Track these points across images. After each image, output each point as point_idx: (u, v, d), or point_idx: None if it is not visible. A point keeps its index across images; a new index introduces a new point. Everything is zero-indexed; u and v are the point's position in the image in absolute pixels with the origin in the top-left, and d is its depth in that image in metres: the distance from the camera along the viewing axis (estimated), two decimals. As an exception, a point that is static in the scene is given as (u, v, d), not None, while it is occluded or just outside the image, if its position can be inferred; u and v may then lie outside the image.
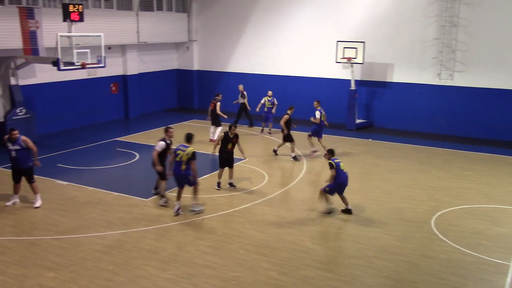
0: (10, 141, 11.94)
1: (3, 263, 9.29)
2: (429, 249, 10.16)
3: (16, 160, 12.01)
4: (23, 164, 12.08)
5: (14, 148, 11.90)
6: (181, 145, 11.54)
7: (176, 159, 11.52)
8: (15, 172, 12.20)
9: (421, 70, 20.93)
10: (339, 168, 11.67)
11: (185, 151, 11.39)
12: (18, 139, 11.91)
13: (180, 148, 11.48)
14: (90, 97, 21.96)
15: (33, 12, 16.96)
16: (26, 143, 11.96)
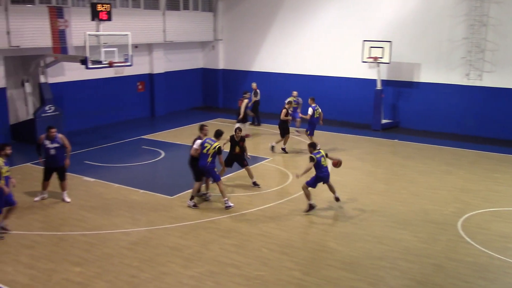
0: (48, 139, 12.02)
1: (32, 257, 9.50)
2: (455, 252, 10.02)
3: (54, 158, 12.11)
4: (60, 162, 12.22)
5: (52, 146, 12.00)
6: (209, 139, 11.98)
7: (203, 151, 11.87)
8: (49, 170, 12.27)
9: (449, 70, 20.62)
10: (320, 163, 11.80)
11: (212, 145, 11.82)
12: (56, 137, 12.06)
13: (207, 142, 11.91)
14: (117, 95, 22.26)
15: (62, 11, 17.29)
16: (63, 140, 12.14)
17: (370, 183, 14.46)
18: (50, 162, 12.17)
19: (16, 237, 10.35)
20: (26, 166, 15.48)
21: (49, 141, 11.99)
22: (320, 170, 11.83)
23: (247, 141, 16.61)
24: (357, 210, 12.17)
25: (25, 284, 8.53)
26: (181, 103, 25.60)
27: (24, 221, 11.19)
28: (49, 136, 12.00)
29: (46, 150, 12.04)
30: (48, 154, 12.08)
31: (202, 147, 11.86)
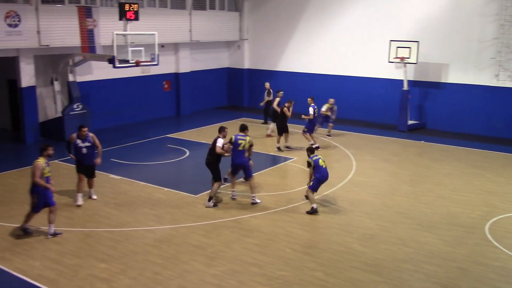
0: (79, 138, 12.04)
1: (59, 253, 9.67)
2: (482, 256, 9.84)
3: (85, 157, 12.14)
4: (91, 161, 12.26)
5: (84, 145, 12.04)
6: (239, 135, 12.30)
7: (239, 149, 12.26)
8: (82, 166, 12.24)
9: (478, 71, 20.24)
10: (318, 165, 11.86)
11: (246, 140, 12.26)
12: (87, 136, 12.10)
13: (240, 138, 12.25)
14: (143, 94, 22.50)
15: (91, 11, 17.55)
16: (93, 139, 12.18)
17: (395, 184, 14.30)
18: (82, 161, 12.19)
19: (44, 233, 10.55)
20: (54, 163, 15.71)
21: (80, 140, 12.02)
22: (319, 172, 11.86)
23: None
24: (381, 212, 12.06)
25: (52, 279, 8.69)
26: (206, 102, 25.73)
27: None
28: (80, 135, 12.03)
29: (78, 149, 12.04)
30: (79, 153, 12.09)
31: (237, 145, 12.19)
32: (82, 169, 12.28)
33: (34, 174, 9.95)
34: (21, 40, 16.75)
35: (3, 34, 16.21)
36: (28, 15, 16.81)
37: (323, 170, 11.96)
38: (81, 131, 12.03)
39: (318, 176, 11.85)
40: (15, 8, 16.48)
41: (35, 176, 9.94)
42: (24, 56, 17.56)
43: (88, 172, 12.39)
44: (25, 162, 15.92)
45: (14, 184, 13.77)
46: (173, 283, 8.63)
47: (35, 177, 9.94)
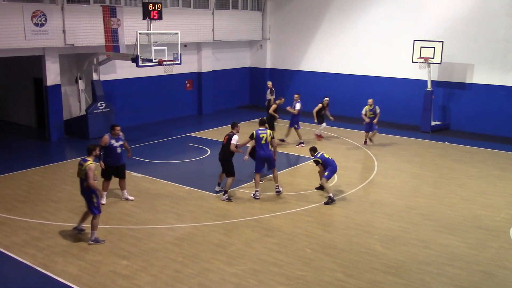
0: (113, 137, 11.82)
1: (81, 249, 9.80)
2: (506, 260, 9.65)
3: (119, 156, 11.96)
4: (122, 160, 12.13)
5: (118, 144, 11.85)
6: (259, 130, 12.71)
7: (262, 142, 12.67)
8: (111, 169, 12.00)
9: (504, 72, 19.88)
10: (326, 159, 12.54)
11: (267, 133, 12.69)
12: (119, 134, 11.94)
13: (261, 132, 12.65)
14: (166, 93, 22.67)
15: (116, 11, 17.76)
16: (123, 137, 12.09)
17: (418, 186, 14.13)
18: (115, 161, 11.93)
19: (67, 229, 10.71)
20: (77, 161, 15.93)
21: (114, 139, 11.81)
22: (329, 164, 12.56)
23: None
24: (403, 213, 11.93)
25: (74, 275, 8.82)
26: (228, 101, 25.80)
27: (74, 214, 11.55)
28: (114, 134, 11.82)
29: (112, 149, 11.78)
30: (113, 153, 11.83)
31: (259, 139, 12.61)
32: (111, 172, 12.03)
33: (88, 177, 9.68)
34: (47, 39, 17.03)
35: (30, 33, 16.50)
36: (54, 14, 17.08)
37: (331, 161, 12.61)
38: (115, 129, 11.79)
39: (330, 168, 12.53)
40: (42, 8, 16.77)
41: (89, 178, 9.68)
42: (49, 55, 17.85)
43: (119, 173, 12.20)
44: (50, 160, 16.22)
45: (39, 181, 14.01)
46: (193, 281, 8.67)
47: (90, 180, 9.69)
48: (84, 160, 9.93)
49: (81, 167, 9.89)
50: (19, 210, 11.78)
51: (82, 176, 9.86)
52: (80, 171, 9.92)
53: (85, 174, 9.75)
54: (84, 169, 9.75)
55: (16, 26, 16.12)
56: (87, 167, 9.75)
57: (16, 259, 9.39)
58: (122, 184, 12.44)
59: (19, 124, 21.23)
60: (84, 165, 9.81)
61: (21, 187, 13.42)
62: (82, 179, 9.87)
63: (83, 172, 9.81)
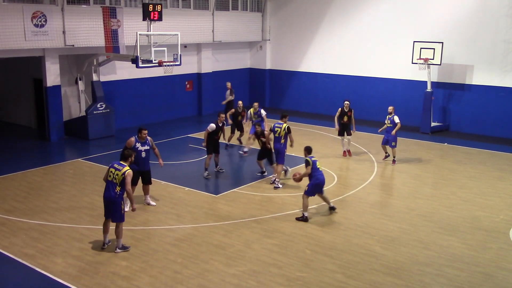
0: (139, 141, 11.41)
1: (81, 250, 9.80)
2: (506, 261, 9.65)
3: (144, 161, 11.54)
4: (147, 166, 11.72)
5: (144, 148, 11.43)
6: (277, 123, 13.62)
7: (276, 135, 13.63)
8: (137, 174, 11.32)
9: (504, 73, 19.88)
10: (315, 167, 11.56)
11: (281, 127, 13.46)
12: (147, 138, 11.53)
13: (276, 126, 13.57)
14: (166, 93, 22.67)
15: (115, 12, 17.77)
16: (151, 142, 11.70)
17: (417, 187, 14.13)
18: (140, 166, 11.45)
19: (66, 230, 10.71)
20: (77, 162, 16.00)
21: (140, 143, 11.41)
22: (315, 175, 11.47)
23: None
24: (403, 214, 11.93)
25: (74, 276, 8.81)
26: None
27: (74, 215, 11.56)
28: (140, 138, 11.40)
29: (137, 153, 11.26)
30: (139, 157, 11.32)
31: (274, 132, 13.56)
32: (137, 176, 11.41)
33: (126, 183, 9.30)
34: (47, 40, 17.03)
35: (30, 34, 16.50)
36: (54, 15, 17.08)
37: (320, 173, 11.56)
38: (141, 133, 11.38)
39: (314, 181, 11.46)
40: (42, 9, 16.77)
41: (127, 184, 9.32)
42: (49, 55, 17.86)
43: (144, 178, 11.81)
44: (50, 160, 16.22)
45: (38, 181, 14.01)
46: (193, 282, 8.67)
47: (128, 186, 9.35)
48: (120, 165, 9.47)
49: (116, 171, 9.39)
50: (19, 211, 11.77)
51: (117, 181, 9.38)
52: (113, 175, 9.42)
53: (122, 179, 9.32)
54: (122, 174, 9.31)
55: (16, 27, 16.11)
56: (127, 173, 9.32)
57: (16, 260, 9.38)
58: (146, 189, 12.03)
59: (19, 124, 21.23)
60: (122, 170, 9.35)
61: (21, 187, 13.41)
62: (114, 183, 9.41)
63: (119, 178, 9.34)
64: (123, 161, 9.63)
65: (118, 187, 9.40)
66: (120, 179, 9.37)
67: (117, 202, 9.51)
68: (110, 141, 18.65)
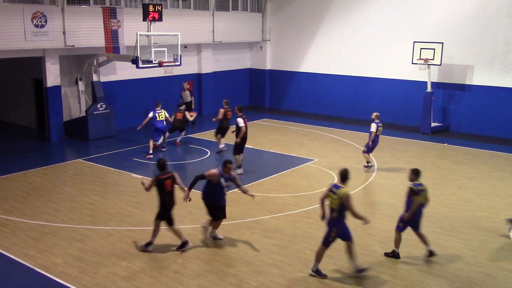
0: (223, 175, 10.00)
1: (81, 250, 9.80)
2: (506, 261, 9.65)
3: (222, 196, 10.19)
4: (224, 200, 10.34)
5: (226, 184, 10.13)
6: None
7: None
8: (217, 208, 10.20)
9: (504, 73, 19.88)
10: None
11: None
12: (231, 174, 10.15)
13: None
14: (166, 94, 22.64)
15: (116, 12, 17.77)
16: (235, 178, 10.23)
17: (418, 187, 14.10)
18: (216, 200, 10.16)
19: (67, 230, 10.71)
20: (78, 162, 16.00)
21: (224, 178, 10.02)
22: None
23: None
24: (403, 215, 11.91)
25: (74, 276, 8.81)
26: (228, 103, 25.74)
27: (74, 215, 11.57)
28: (225, 172, 10.01)
29: (221, 188, 10.05)
30: (217, 191, 10.08)
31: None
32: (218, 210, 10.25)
33: (351, 206, 8.66)
34: (47, 41, 17.03)
35: (30, 35, 16.51)
36: (54, 15, 17.09)
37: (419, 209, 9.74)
38: (227, 167, 9.99)
39: None
40: (42, 9, 16.78)
41: (352, 207, 8.67)
42: (49, 56, 17.86)
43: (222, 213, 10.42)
44: (50, 161, 16.22)
45: (39, 182, 14.01)
46: (193, 283, 8.67)
47: (353, 208, 8.69)
48: (336, 187, 8.76)
49: (334, 195, 8.69)
50: (19, 211, 11.78)
51: (334, 206, 8.71)
52: (332, 200, 8.70)
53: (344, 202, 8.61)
54: (343, 196, 8.58)
55: (16, 27, 16.12)
56: (347, 195, 8.60)
57: (16, 260, 9.39)
58: (217, 224, 10.49)
59: (19, 125, 21.24)
60: (340, 192, 8.65)
61: (21, 188, 13.42)
62: (332, 209, 8.76)
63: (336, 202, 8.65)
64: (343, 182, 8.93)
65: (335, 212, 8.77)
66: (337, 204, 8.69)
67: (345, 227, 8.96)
68: (110, 142, 18.66)
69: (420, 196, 9.53)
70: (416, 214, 9.61)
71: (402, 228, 9.73)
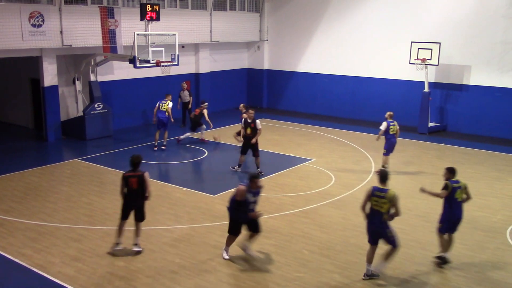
0: (251, 191, 9.29)
1: (78, 250, 9.78)
2: (503, 261, 9.67)
3: (249, 211, 9.39)
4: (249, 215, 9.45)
5: (254, 199, 9.36)
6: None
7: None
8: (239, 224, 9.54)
9: (501, 73, 19.92)
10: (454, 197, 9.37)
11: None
12: (259, 189, 9.49)
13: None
14: (163, 94, 22.54)
15: (113, 12, 17.74)
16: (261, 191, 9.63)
17: (415, 187, 14.09)
18: (244, 218, 9.42)
19: (64, 230, 10.69)
20: (75, 162, 15.98)
21: (251, 193, 9.31)
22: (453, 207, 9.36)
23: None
24: (400, 215, 11.91)
25: (71, 276, 8.80)
26: (226, 102, 25.76)
27: (72, 215, 11.55)
28: (253, 188, 9.29)
29: (246, 205, 9.30)
30: (246, 209, 9.33)
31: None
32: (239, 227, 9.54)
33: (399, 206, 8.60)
34: (45, 40, 16.99)
35: (27, 34, 16.46)
36: (52, 15, 17.05)
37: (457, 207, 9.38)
38: (255, 182, 9.25)
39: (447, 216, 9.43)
40: (39, 9, 16.74)
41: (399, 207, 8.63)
42: (47, 55, 17.83)
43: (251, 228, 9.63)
44: (47, 160, 16.19)
45: (36, 182, 13.98)
46: (190, 283, 8.67)
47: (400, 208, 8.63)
48: (382, 190, 8.64)
49: (383, 199, 8.57)
50: (16, 211, 11.75)
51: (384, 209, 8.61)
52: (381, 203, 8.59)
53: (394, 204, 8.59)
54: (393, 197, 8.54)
55: (13, 27, 16.08)
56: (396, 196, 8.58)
57: (13, 261, 9.37)
58: (253, 236, 9.77)
59: (16, 125, 21.19)
60: (389, 194, 8.56)
61: (18, 188, 13.39)
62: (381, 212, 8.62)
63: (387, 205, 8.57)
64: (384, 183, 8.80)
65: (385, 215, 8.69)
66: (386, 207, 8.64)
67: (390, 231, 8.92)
68: (108, 142, 18.63)
69: (456, 193, 9.25)
70: (455, 213, 9.33)
71: (442, 230, 9.45)
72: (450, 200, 9.27)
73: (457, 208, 9.33)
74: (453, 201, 9.26)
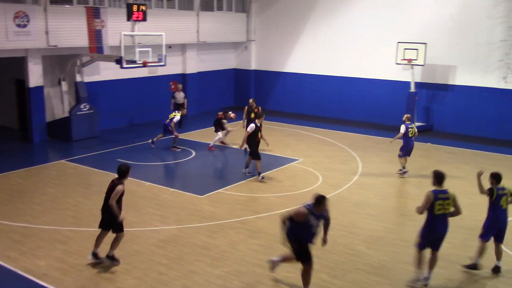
0: (315, 213, 8.12)
1: (64, 252, 9.71)
2: (487, 259, 9.75)
3: (311, 235, 8.30)
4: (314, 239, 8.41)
5: (317, 222, 8.23)
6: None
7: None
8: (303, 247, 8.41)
9: (486, 73, 20.13)
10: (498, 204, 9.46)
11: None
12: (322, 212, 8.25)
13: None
14: (151, 94, 22.54)
15: (99, 12, 17.63)
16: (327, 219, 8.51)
17: (401, 186, 14.25)
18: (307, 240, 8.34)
19: (49, 232, 10.60)
20: (61, 163, 15.85)
21: (314, 216, 8.13)
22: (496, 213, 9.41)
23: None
24: (387, 214, 12.02)
25: (57, 278, 8.73)
26: (213, 103, 25.73)
27: (57, 217, 11.46)
28: (316, 211, 8.10)
29: (307, 227, 8.16)
30: (309, 232, 8.25)
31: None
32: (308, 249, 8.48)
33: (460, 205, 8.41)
34: (30, 40, 16.85)
35: (12, 34, 16.31)
36: (37, 15, 16.90)
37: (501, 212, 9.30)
38: (319, 206, 8.06)
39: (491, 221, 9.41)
40: (24, 9, 16.59)
41: None
42: (32, 56, 17.66)
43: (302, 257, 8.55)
44: (33, 162, 16.04)
45: (21, 183, 13.85)
46: (177, 284, 8.64)
47: None
48: (443, 192, 8.41)
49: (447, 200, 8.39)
50: (1, 213, 11.63)
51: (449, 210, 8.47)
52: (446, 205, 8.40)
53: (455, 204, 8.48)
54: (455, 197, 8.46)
55: (-2, 27, 15.93)
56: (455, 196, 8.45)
57: (-2, 263, 9.28)
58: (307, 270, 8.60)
59: (0, 126, 20.96)
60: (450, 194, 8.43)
61: (3, 190, 13.25)
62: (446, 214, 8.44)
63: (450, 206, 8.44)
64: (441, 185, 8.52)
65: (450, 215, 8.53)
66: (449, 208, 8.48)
67: None
68: (94, 142, 18.51)
69: (501, 200, 9.11)
70: (500, 220, 9.16)
71: (484, 236, 9.28)
72: (494, 207, 9.19)
73: (502, 214, 9.18)
74: (498, 208, 9.19)
